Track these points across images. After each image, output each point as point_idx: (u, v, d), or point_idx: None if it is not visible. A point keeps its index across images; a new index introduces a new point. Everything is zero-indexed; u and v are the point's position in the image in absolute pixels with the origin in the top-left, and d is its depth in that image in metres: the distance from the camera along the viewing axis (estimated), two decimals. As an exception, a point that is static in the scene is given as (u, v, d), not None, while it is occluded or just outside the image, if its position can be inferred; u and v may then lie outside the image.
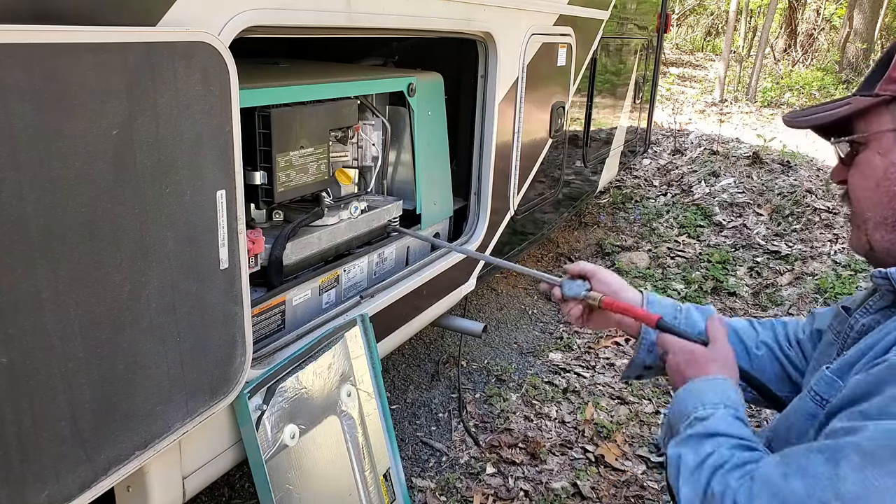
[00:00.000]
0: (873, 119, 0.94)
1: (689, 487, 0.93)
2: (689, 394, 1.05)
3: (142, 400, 1.06)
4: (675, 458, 0.97)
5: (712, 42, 18.46)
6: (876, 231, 0.96)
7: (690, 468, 0.94)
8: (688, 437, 0.99)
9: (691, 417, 1.01)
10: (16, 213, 0.84)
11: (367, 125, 1.91)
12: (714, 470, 0.91)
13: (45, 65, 0.84)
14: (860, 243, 1.01)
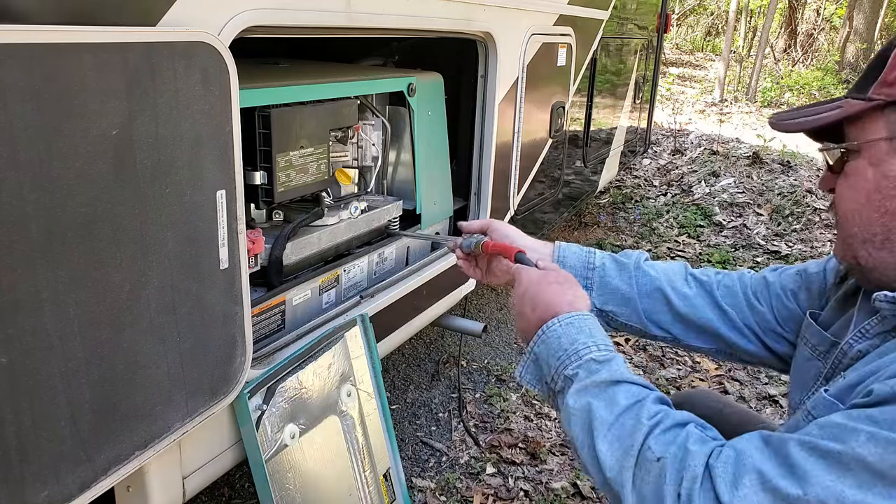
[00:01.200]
0: (866, 125, 0.87)
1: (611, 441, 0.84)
2: (572, 330, 0.95)
3: (142, 400, 1.06)
4: (581, 409, 0.88)
5: (712, 42, 18.46)
6: (862, 247, 0.90)
7: (608, 421, 0.85)
8: (591, 385, 0.89)
9: (584, 358, 0.91)
10: (16, 213, 0.84)
11: (367, 125, 1.91)
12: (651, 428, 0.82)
13: (45, 65, 0.84)
14: (846, 257, 0.94)
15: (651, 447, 0.81)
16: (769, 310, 1.17)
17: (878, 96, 0.85)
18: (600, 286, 1.25)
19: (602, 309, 1.25)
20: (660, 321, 1.23)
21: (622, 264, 1.26)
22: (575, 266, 1.25)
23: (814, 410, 0.88)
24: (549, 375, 0.96)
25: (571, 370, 0.92)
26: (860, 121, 0.87)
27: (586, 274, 1.25)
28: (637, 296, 1.23)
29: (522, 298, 1.04)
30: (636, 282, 1.23)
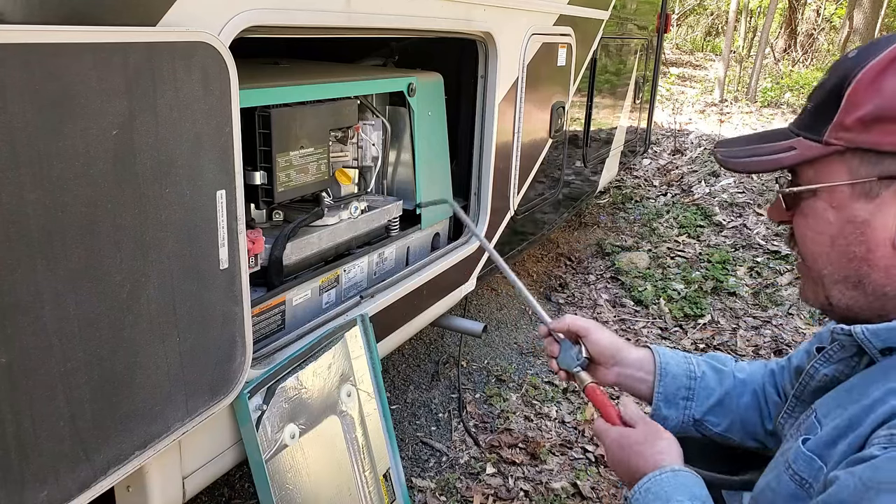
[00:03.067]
0: (824, 168, 0.84)
1: None
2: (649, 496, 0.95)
3: (141, 400, 1.06)
4: None
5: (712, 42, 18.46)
6: (834, 287, 0.88)
7: None
8: None
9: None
10: (16, 213, 0.84)
11: (367, 125, 1.91)
12: None
13: (45, 65, 0.84)
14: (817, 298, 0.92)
15: None
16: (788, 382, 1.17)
17: (836, 141, 0.82)
18: (701, 396, 1.22)
19: (701, 420, 1.22)
20: (755, 433, 1.21)
21: (721, 371, 1.24)
22: (677, 376, 1.22)
23: (794, 464, 0.88)
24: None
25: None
26: (817, 162, 0.85)
27: (689, 384, 1.22)
28: (737, 408, 1.21)
29: (616, 463, 1.05)
30: (735, 391, 1.21)
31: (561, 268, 4.21)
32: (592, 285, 3.99)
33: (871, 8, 12.82)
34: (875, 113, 0.78)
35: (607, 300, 3.81)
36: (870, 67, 0.80)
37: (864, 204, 0.81)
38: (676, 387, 1.20)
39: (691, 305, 3.69)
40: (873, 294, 0.84)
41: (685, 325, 3.55)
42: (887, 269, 0.82)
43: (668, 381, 1.21)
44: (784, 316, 3.63)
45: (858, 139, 0.80)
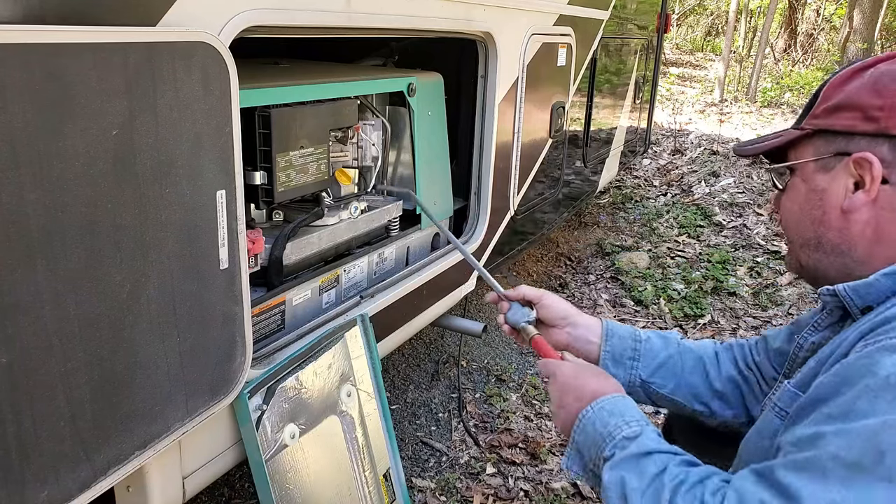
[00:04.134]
0: (800, 150, 1.04)
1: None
2: (604, 414, 1.04)
3: (141, 400, 1.06)
4: (615, 482, 0.96)
5: (712, 42, 18.46)
6: (802, 251, 1.05)
7: (640, 489, 0.93)
8: (623, 458, 0.97)
9: (617, 438, 1.00)
10: (16, 213, 0.84)
11: (367, 125, 1.91)
12: (675, 488, 0.90)
13: (45, 65, 0.84)
14: (792, 262, 1.09)
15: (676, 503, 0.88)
16: (767, 360, 1.26)
17: (808, 126, 1.03)
18: (646, 358, 1.32)
19: (647, 380, 1.31)
20: (701, 396, 1.29)
21: (666, 338, 1.35)
22: (623, 338, 1.33)
23: (779, 402, 0.99)
24: (592, 461, 1.04)
25: (608, 452, 1.00)
26: (796, 146, 1.05)
27: (634, 346, 1.32)
28: (681, 371, 1.31)
29: (563, 391, 1.13)
30: (680, 356, 1.32)
31: (561, 268, 4.21)
32: (592, 285, 3.99)
33: (871, 8, 12.81)
34: (837, 104, 0.98)
35: (607, 300, 3.81)
36: (840, 74, 1.02)
37: (823, 176, 1.00)
38: (623, 347, 1.32)
39: (691, 305, 3.69)
40: (832, 252, 1.00)
41: (685, 325, 3.55)
42: (839, 229, 0.98)
43: (615, 341, 1.33)
44: (784, 316, 3.63)
45: (822, 123, 1.00)
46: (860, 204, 0.95)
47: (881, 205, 0.94)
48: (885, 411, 0.77)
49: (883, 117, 0.93)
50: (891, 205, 0.94)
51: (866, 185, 0.94)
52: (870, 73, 0.97)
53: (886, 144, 0.93)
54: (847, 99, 0.97)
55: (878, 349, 0.82)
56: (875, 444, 0.75)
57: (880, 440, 0.75)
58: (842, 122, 0.97)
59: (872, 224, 0.95)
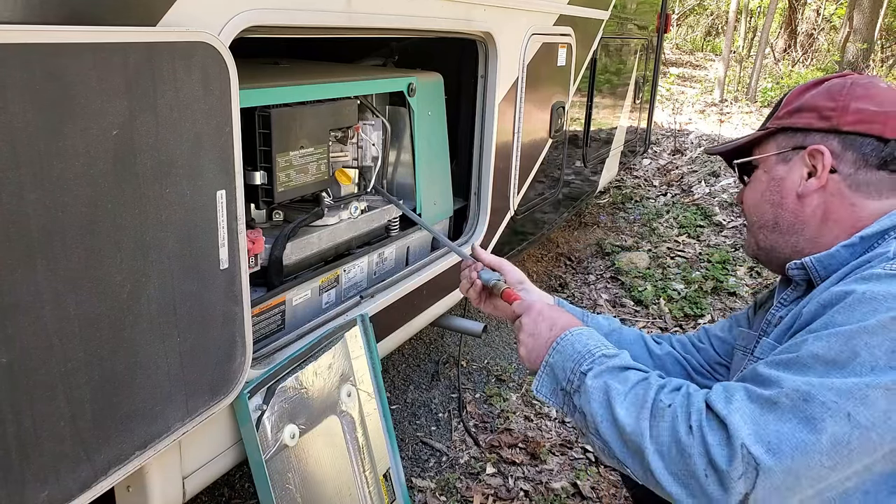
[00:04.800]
0: (764, 147, 1.21)
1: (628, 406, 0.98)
2: (583, 338, 1.12)
3: (142, 400, 1.06)
4: (598, 388, 1.02)
5: (712, 42, 18.47)
6: (759, 232, 1.21)
7: (623, 391, 1.00)
8: (606, 369, 1.05)
9: (597, 355, 1.08)
10: (16, 213, 0.84)
11: (367, 125, 1.91)
12: (659, 388, 0.99)
13: (45, 65, 0.84)
14: (750, 244, 1.24)
15: (662, 399, 0.97)
16: (710, 346, 1.43)
17: (771, 125, 1.20)
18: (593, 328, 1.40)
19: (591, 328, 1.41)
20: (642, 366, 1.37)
21: (610, 319, 1.49)
22: (573, 311, 1.45)
23: (761, 355, 1.11)
24: (566, 378, 1.09)
25: (587, 366, 1.07)
26: (761, 144, 1.22)
27: (582, 318, 1.44)
28: (624, 343, 1.43)
29: (538, 319, 1.21)
30: (622, 331, 1.46)
31: (561, 268, 4.21)
32: (592, 285, 3.99)
33: (871, 8, 12.81)
34: (797, 106, 1.17)
35: (607, 300, 3.81)
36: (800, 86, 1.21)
37: (782, 167, 1.17)
38: None
39: (691, 305, 3.69)
40: (787, 231, 1.15)
41: (685, 325, 3.55)
42: (794, 211, 1.14)
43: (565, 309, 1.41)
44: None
45: (784, 122, 1.18)
46: (812, 189, 1.12)
47: (830, 191, 1.11)
48: (860, 319, 0.89)
49: (835, 116, 1.11)
50: (838, 191, 1.10)
51: (818, 172, 1.11)
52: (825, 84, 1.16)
53: (837, 139, 1.10)
54: (806, 103, 1.15)
55: (854, 280, 0.96)
56: (851, 345, 0.87)
57: (855, 342, 0.87)
58: (801, 120, 1.15)
59: (822, 207, 1.12)
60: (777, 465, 0.84)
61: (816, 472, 0.85)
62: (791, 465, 0.84)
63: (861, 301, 0.90)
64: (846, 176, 1.09)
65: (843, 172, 1.10)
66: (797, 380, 0.88)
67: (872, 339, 0.86)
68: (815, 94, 1.15)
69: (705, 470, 0.88)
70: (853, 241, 1.05)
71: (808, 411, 0.85)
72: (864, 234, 1.05)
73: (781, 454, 0.84)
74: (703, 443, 0.89)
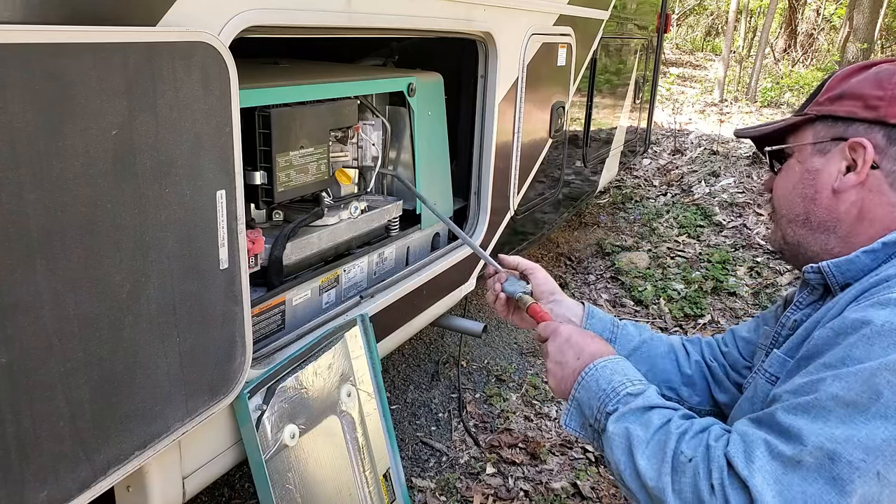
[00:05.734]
0: (799, 134, 1.11)
1: (649, 456, 0.95)
2: (607, 372, 1.08)
3: (141, 400, 1.06)
4: (621, 434, 0.99)
5: (712, 42, 18.46)
6: (788, 227, 1.12)
7: (644, 439, 0.96)
8: (628, 412, 1.01)
9: (622, 394, 1.03)
10: (16, 213, 0.84)
11: (367, 125, 1.91)
12: (680, 436, 0.94)
13: (45, 65, 0.84)
14: (776, 238, 1.17)
15: (683, 451, 0.92)
16: (735, 349, 1.34)
17: (810, 112, 1.10)
18: (623, 340, 1.37)
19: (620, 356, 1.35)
20: (671, 381, 1.35)
21: (640, 326, 1.40)
22: (603, 320, 1.38)
23: (769, 368, 1.06)
24: (593, 417, 1.06)
25: (612, 406, 1.02)
26: (797, 131, 1.12)
27: (612, 329, 1.38)
28: (654, 355, 1.36)
29: (564, 347, 1.16)
30: (653, 342, 1.37)
31: (561, 268, 4.21)
32: (592, 285, 3.99)
33: (871, 8, 12.81)
34: (840, 93, 1.06)
35: (607, 300, 3.81)
36: (845, 69, 1.10)
37: (818, 158, 1.07)
38: (601, 329, 1.36)
39: (691, 305, 3.69)
40: (818, 228, 1.07)
41: (685, 325, 3.55)
42: (828, 207, 1.06)
43: (594, 322, 1.38)
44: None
45: (824, 109, 1.08)
46: (850, 185, 1.03)
47: (869, 187, 1.03)
48: (880, 355, 0.83)
49: (882, 106, 1.01)
50: (878, 188, 1.02)
51: (858, 167, 1.02)
52: (873, 70, 1.05)
53: (882, 132, 1.01)
54: (850, 89, 1.05)
55: (870, 304, 0.89)
56: (872, 385, 0.81)
57: (877, 381, 0.81)
58: (844, 108, 1.05)
59: (858, 204, 1.03)
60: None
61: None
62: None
63: (880, 334, 0.84)
64: (889, 173, 1.01)
65: (885, 169, 1.01)
66: (821, 433, 0.82)
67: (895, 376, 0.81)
68: (862, 81, 1.05)
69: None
70: (875, 247, 0.99)
71: (835, 471, 0.80)
72: (886, 241, 0.98)
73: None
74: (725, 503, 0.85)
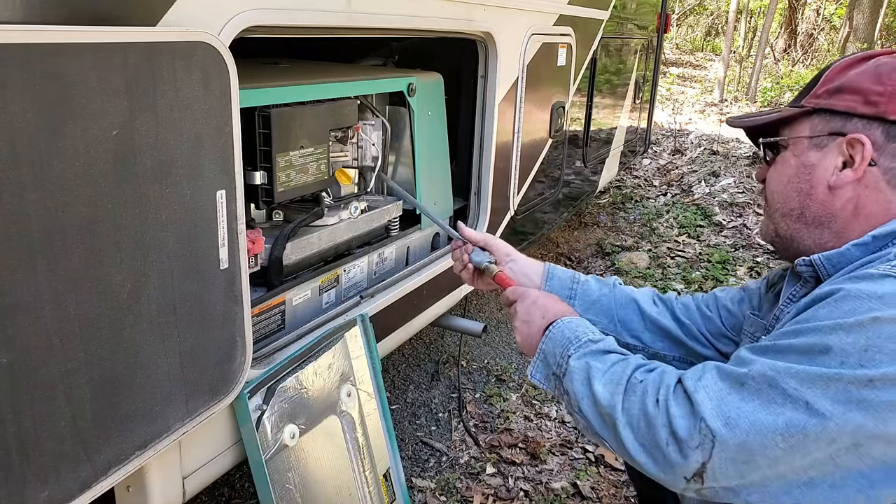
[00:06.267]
0: (795, 126, 1.10)
1: (605, 383, 1.02)
2: (572, 325, 1.15)
3: (142, 400, 1.06)
4: (580, 367, 1.06)
5: (712, 42, 18.47)
6: (782, 220, 1.12)
7: (602, 370, 1.04)
8: (589, 352, 1.08)
9: (583, 340, 1.11)
10: (16, 213, 0.84)
11: (367, 125, 1.91)
12: (637, 367, 1.02)
13: (45, 65, 0.84)
14: (768, 231, 1.17)
15: (636, 376, 1.01)
16: (718, 317, 1.37)
17: (807, 104, 1.08)
18: (582, 297, 1.43)
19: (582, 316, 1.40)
20: (633, 329, 1.40)
21: (602, 281, 1.47)
22: (562, 279, 1.44)
23: None
24: (556, 363, 1.13)
25: (573, 350, 1.10)
26: (792, 123, 1.11)
27: (571, 286, 1.44)
28: (614, 306, 1.42)
29: (531, 308, 1.24)
30: (614, 294, 1.43)
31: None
32: (592, 285, 3.99)
33: (871, 8, 12.81)
34: (839, 86, 1.05)
35: (607, 300, 3.80)
36: (844, 60, 1.08)
37: (815, 153, 1.06)
38: (561, 286, 1.42)
39: (691, 305, 3.68)
40: (813, 223, 1.07)
41: (685, 325, 3.54)
42: (823, 203, 1.06)
43: (554, 282, 1.44)
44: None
45: (822, 102, 1.06)
46: (846, 181, 1.03)
47: (865, 184, 1.02)
48: (840, 316, 0.88)
49: (882, 102, 1.00)
50: (874, 185, 1.02)
51: (855, 164, 1.02)
52: (873, 63, 1.04)
53: (881, 129, 1.00)
54: (849, 82, 1.04)
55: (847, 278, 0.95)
56: (825, 340, 0.87)
57: (830, 337, 0.87)
58: (842, 103, 1.04)
59: (854, 201, 1.03)
60: (732, 437, 0.88)
61: (772, 453, 0.87)
62: (745, 439, 0.88)
63: (846, 298, 0.90)
64: (886, 170, 1.00)
65: (882, 166, 1.00)
66: (766, 363, 0.90)
67: (848, 336, 0.86)
68: (861, 74, 1.03)
69: (667, 439, 0.93)
70: (865, 240, 1.00)
71: (771, 395, 0.88)
72: (876, 234, 0.99)
73: (737, 428, 0.88)
74: (667, 414, 0.93)
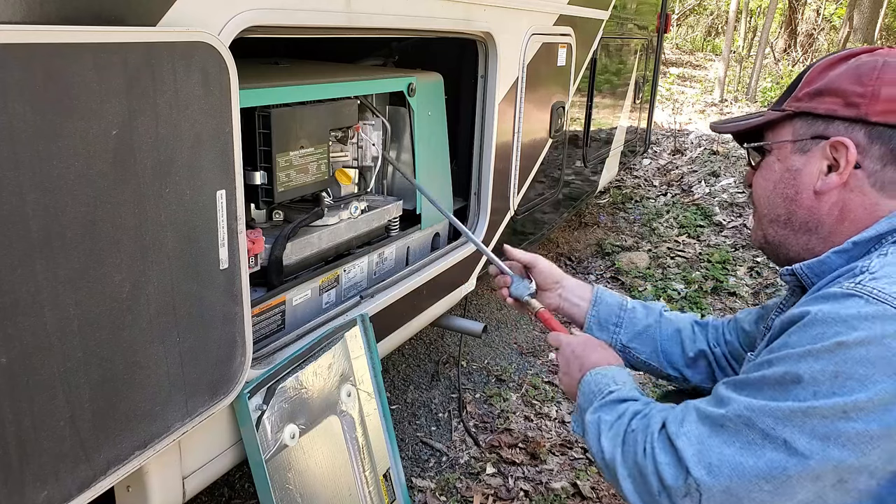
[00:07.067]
0: (778, 130, 1.08)
1: (611, 437, 1.04)
2: (599, 377, 1.17)
3: (141, 400, 1.06)
4: (594, 421, 1.09)
5: (712, 42, 18.47)
6: (770, 226, 1.11)
7: (609, 422, 1.06)
8: (602, 404, 1.11)
9: (605, 392, 1.13)
10: (16, 213, 0.84)
11: (367, 125, 1.91)
12: (633, 415, 1.04)
13: (45, 65, 0.84)
14: (757, 237, 1.15)
15: (631, 426, 1.02)
16: (736, 340, 1.36)
17: (789, 108, 1.06)
18: (628, 325, 1.43)
19: (627, 345, 1.43)
20: (675, 363, 1.41)
21: (650, 308, 1.45)
22: (611, 305, 1.44)
23: None
24: None
25: (595, 404, 1.12)
26: (775, 127, 1.09)
27: (619, 313, 1.43)
28: (659, 338, 1.41)
29: (570, 359, 1.26)
30: (660, 325, 1.42)
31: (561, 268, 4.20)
32: (592, 285, 3.99)
33: (871, 8, 12.81)
34: (819, 88, 1.03)
35: (607, 300, 3.80)
36: (823, 60, 1.06)
37: (799, 157, 1.05)
38: (608, 313, 1.43)
39: (691, 305, 3.69)
40: (800, 229, 1.06)
41: (685, 325, 3.54)
42: (809, 208, 1.04)
43: (601, 307, 1.44)
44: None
45: (804, 106, 1.04)
46: (832, 186, 1.01)
47: (850, 187, 1.00)
48: (808, 342, 0.87)
49: (863, 103, 0.98)
50: (859, 188, 1.00)
51: (840, 168, 1.00)
52: (853, 62, 1.02)
53: (863, 130, 0.98)
54: (830, 84, 1.02)
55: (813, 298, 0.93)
56: (795, 370, 0.86)
57: (799, 366, 0.86)
58: (824, 106, 1.02)
59: (840, 205, 1.02)
60: (716, 484, 0.88)
61: (758, 497, 0.86)
62: (729, 485, 0.87)
63: (813, 323, 0.88)
64: (871, 172, 0.98)
65: (867, 168, 0.98)
66: (742, 402, 0.89)
67: (817, 363, 0.85)
68: (841, 75, 1.01)
69: (658, 488, 0.93)
70: (846, 247, 0.98)
71: (750, 436, 0.87)
72: (857, 240, 0.98)
73: (720, 475, 0.88)
74: (654, 462, 0.94)
